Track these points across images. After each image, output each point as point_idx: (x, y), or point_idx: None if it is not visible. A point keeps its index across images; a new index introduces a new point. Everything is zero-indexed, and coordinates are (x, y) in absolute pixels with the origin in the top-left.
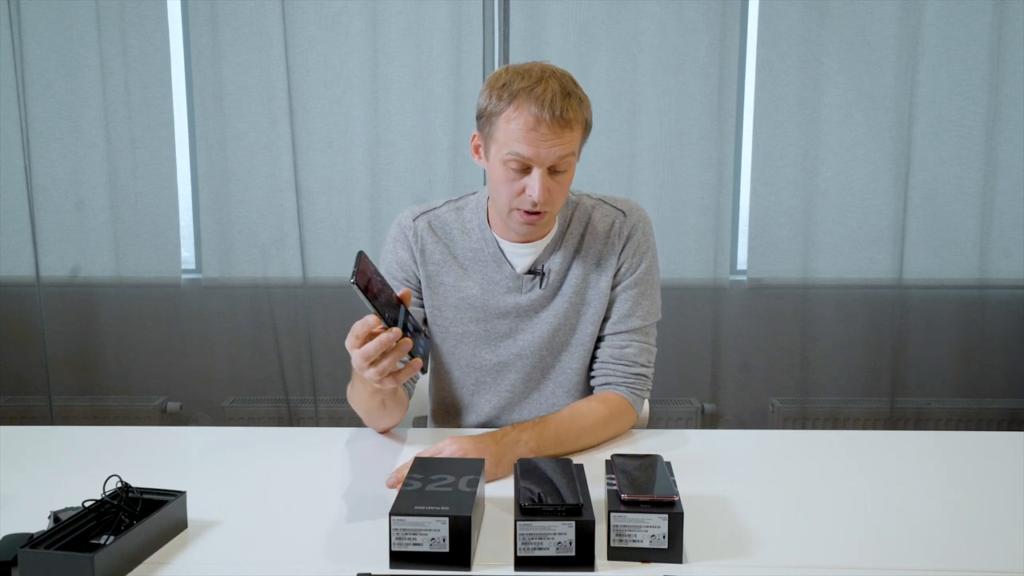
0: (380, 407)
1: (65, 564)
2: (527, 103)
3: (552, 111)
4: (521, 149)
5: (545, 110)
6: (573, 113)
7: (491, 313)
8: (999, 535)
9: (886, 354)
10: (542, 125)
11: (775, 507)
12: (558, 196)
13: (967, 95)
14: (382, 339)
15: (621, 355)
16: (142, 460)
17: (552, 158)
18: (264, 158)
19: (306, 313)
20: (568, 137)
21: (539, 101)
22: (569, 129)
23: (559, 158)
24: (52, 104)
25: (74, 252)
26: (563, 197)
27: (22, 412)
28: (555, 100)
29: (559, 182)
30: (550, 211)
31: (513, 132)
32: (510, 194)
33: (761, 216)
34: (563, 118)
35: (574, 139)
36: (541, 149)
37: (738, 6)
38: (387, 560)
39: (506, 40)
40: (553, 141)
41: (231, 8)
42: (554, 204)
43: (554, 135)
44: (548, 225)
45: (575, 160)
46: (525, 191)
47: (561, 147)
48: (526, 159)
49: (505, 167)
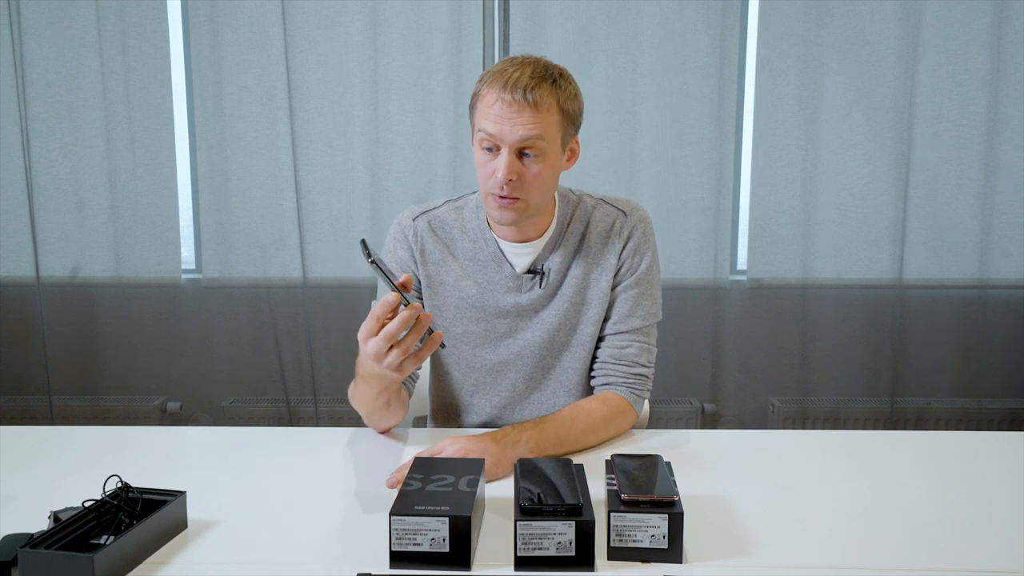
0: (384, 407)
1: (65, 564)
2: (497, 82)
3: (515, 90)
4: (487, 126)
5: (508, 89)
6: (541, 95)
7: (491, 313)
8: (999, 535)
9: (886, 354)
10: (506, 103)
11: (775, 507)
12: (532, 184)
13: (967, 95)
14: (403, 316)
15: (622, 355)
16: (142, 460)
17: (515, 137)
18: (264, 158)
19: (306, 313)
20: (535, 118)
21: (507, 81)
22: (536, 110)
23: (523, 138)
24: (52, 104)
25: (74, 252)
26: (540, 187)
27: (22, 412)
28: (522, 80)
29: (530, 168)
30: (524, 198)
31: (483, 111)
32: (484, 177)
33: (761, 216)
34: (527, 98)
35: (544, 122)
36: (504, 126)
37: (738, 6)
38: (387, 560)
39: (506, 40)
40: (516, 120)
41: (231, 8)
42: (527, 191)
43: (517, 113)
44: (530, 218)
45: (551, 148)
46: (495, 173)
47: (525, 127)
48: (492, 136)
49: (480, 149)
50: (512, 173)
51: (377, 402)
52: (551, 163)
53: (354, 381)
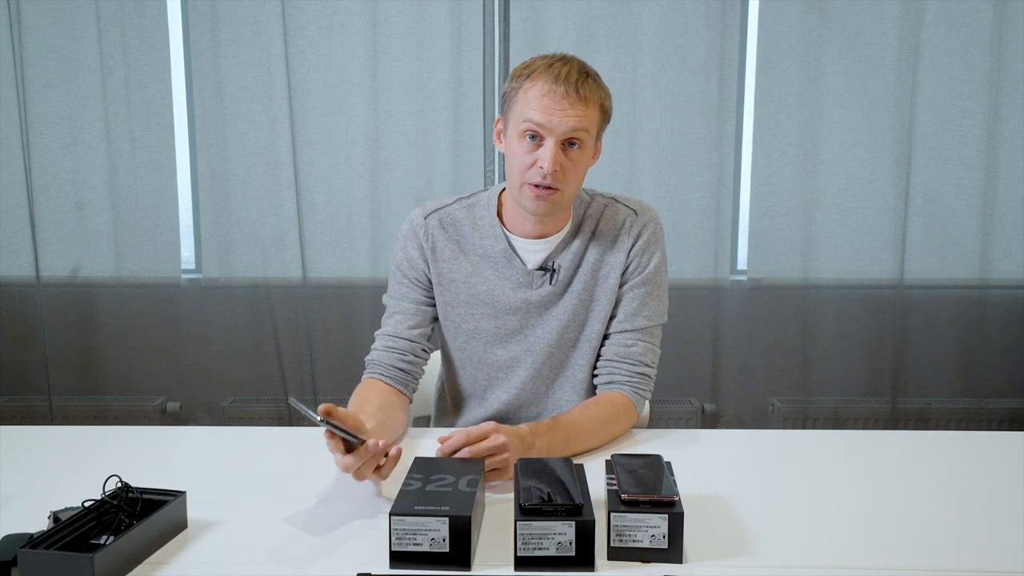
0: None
1: (65, 564)
2: (545, 75)
3: (567, 83)
4: (535, 116)
5: (560, 82)
6: (589, 91)
7: (501, 309)
8: (1000, 535)
9: (887, 354)
10: (557, 94)
11: (775, 507)
12: (571, 175)
13: (968, 95)
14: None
15: (627, 354)
16: (142, 460)
17: (565, 128)
18: (264, 158)
19: (306, 313)
20: (583, 111)
21: (556, 74)
22: (584, 104)
23: (572, 129)
24: (52, 104)
25: (74, 252)
26: (576, 180)
27: (22, 412)
28: (572, 74)
29: (572, 159)
30: (562, 189)
31: (530, 101)
32: (523, 167)
33: (761, 216)
34: (578, 91)
35: (589, 116)
36: (554, 116)
37: (738, 6)
38: (387, 560)
39: (506, 40)
40: (567, 111)
41: (231, 8)
42: (566, 182)
43: (568, 105)
44: (560, 211)
45: (590, 142)
46: (537, 163)
47: (575, 118)
48: (539, 126)
49: (521, 139)
50: (557, 163)
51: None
52: (587, 157)
53: (357, 390)
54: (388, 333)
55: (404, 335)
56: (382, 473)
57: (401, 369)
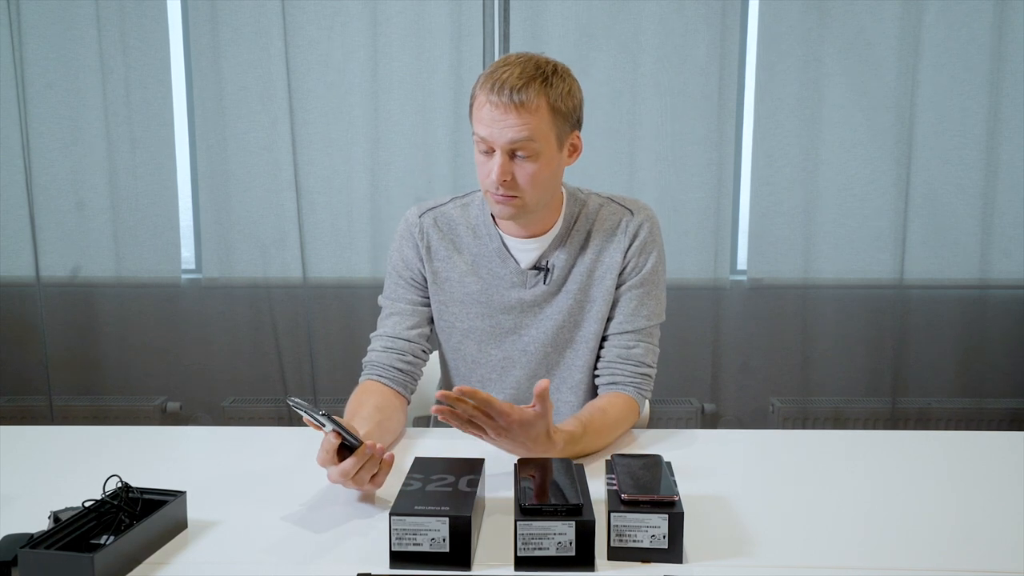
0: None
1: (65, 564)
2: (486, 85)
3: (501, 92)
4: (479, 129)
5: (496, 92)
6: (528, 96)
7: (495, 308)
8: (1000, 535)
9: (887, 354)
10: (494, 105)
11: (775, 507)
12: (527, 183)
13: (968, 95)
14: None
15: (628, 355)
16: (142, 460)
17: (504, 139)
18: (264, 158)
19: (306, 313)
20: (522, 119)
21: (495, 83)
22: (524, 111)
23: (512, 140)
24: (52, 104)
25: (74, 252)
26: (537, 185)
27: (22, 412)
28: (509, 81)
29: (523, 168)
30: (522, 197)
31: (476, 113)
32: (482, 176)
33: (761, 216)
34: (514, 100)
35: (532, 123)
36: (494, 129)
37: (738, 6)
38: (387, 560)
39: (506, 40)
40: (504, 122)
41: (231, 8)
42: (522, 190)
43: (504, 116)
44: (531, 214)
45: (544, 147)
46: (490, 174)
47: (513, 129)
48: (484, 139)
49: (477, 150)
50: (506, 174)
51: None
52: (546, 162)
53: (355, 392)
54: (386, 334)
55: (403, 336)
56: (377, 481)
57: (400, 370)
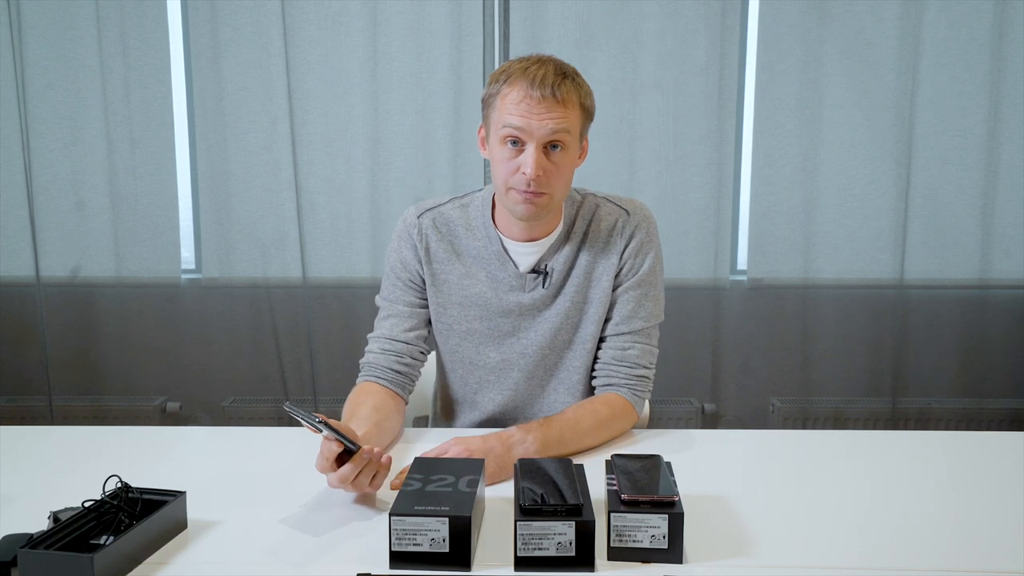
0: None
1: (65, 564)
2: (521, 80)
3: (543, 86)
4: (514, 120)
5: (536, 85)
6: (566, 92)
7: (494, 311)
8: (1000, 535)
9: (887, 354)
10: (533, 99)
11: (775, 507)
12: (556, 178)
13: (968, 95)
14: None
15: (623, 356)
16: (142, 460)
17: (544, 131)
18: (264, 158)
19: (306, 313)
20: (561, 113)
21: (532, 78)
22: (562, 106)
23: (551, 132)
24: (52, 104)
25: (74, 252)
26: (563, 182)
27: (22, 412)
28: (548, 77)
29: (555, 162)
30: (548, 193)
31: (507, 107)
32: (506, 173)
33: (761, 216)
34: (555, 95)
35: (569, 117)
36: (533, 120)
37: (738, 6)
38: (387, 560)
39: (506, 40)
40: (545, 115)
41: (231, 8)
42: (552, 186)
43: (546, 109)
44: (549, 214)
45: (573, 143)
46: (520, 169)
47: (553, 121)
48: (519, 130)
49: (502, 145)
50: (540, 168)
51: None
52: (572, 157)
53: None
54: (384, 336)
55: (400, 338)
56: (375, 484)
57: (397, 371)
